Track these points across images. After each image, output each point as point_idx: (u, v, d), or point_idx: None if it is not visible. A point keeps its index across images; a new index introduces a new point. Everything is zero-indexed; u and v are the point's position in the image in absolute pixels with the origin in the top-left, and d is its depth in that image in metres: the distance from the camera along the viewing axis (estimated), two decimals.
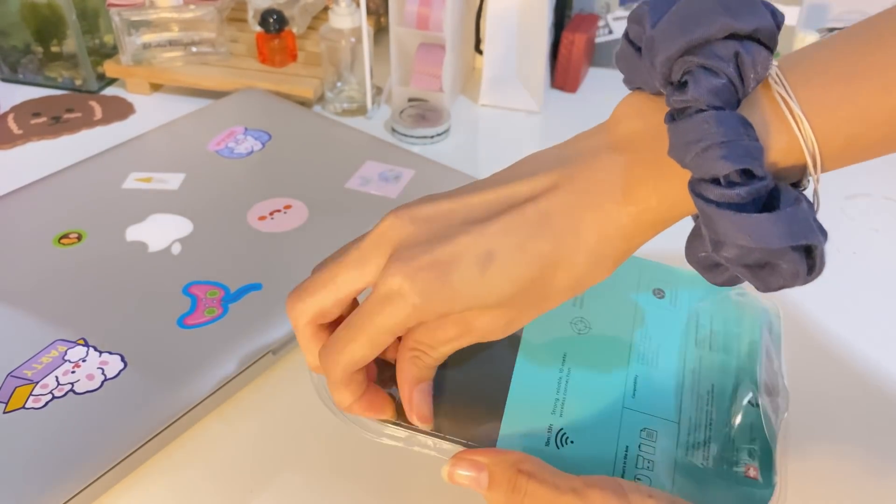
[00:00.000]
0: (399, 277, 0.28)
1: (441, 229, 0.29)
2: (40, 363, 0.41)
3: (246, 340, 0.43)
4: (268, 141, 0.61)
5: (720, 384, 0.35)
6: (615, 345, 0.36)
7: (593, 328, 0.37)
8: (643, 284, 0.39)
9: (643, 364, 0.36)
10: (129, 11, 0.69)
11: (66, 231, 0.50)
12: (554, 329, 0.37)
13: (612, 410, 0.34)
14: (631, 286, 0.39)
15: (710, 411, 0.34)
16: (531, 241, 0.29)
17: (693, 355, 0.36)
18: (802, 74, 0.27)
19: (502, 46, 0.70)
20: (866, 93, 0.26)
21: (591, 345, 0.36)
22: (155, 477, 0.39)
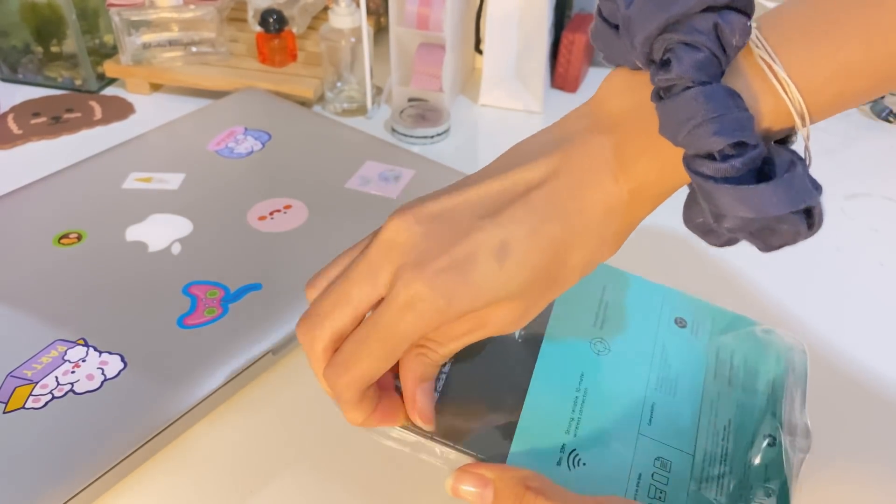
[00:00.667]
0: (419, 284, 0.28)
1: (451, 227, 0.29)
2: (40, 363, 0.41)
3: (246, 340, 0.43)
4: (268, 141, 0.61)
5: (738, 420, 0.35)
6: (634, 369, 0.36)
7: (612, 350, 0.37)
8: (665, 312, 0.39)
9: (661, 392, 0.35)
10: (128, 11, 0.69)
11: (66, 231, 0.50)
12: (573, 348, 0.36)
13: (627, 436, 0.33)
14: (653, 312, 0.39)
15: (727, 446, 0.34)
16: (542, 226, 0.29)
17: (713, 389, 0.36)
18: (783, 34, 0.26)
19: (502, 46, 0.70)
20: (849, 48, 0.26)
21: (610, 367, 0.36)
22: (155, 477, 0.39)
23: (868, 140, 0.69)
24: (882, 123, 0.72)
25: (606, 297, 0.39)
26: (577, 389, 0.35)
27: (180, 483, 0.38)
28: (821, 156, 0.67)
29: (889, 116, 0.71)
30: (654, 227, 0.43)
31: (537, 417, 0.33)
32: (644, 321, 0.38)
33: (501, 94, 0.73)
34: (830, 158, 0.67)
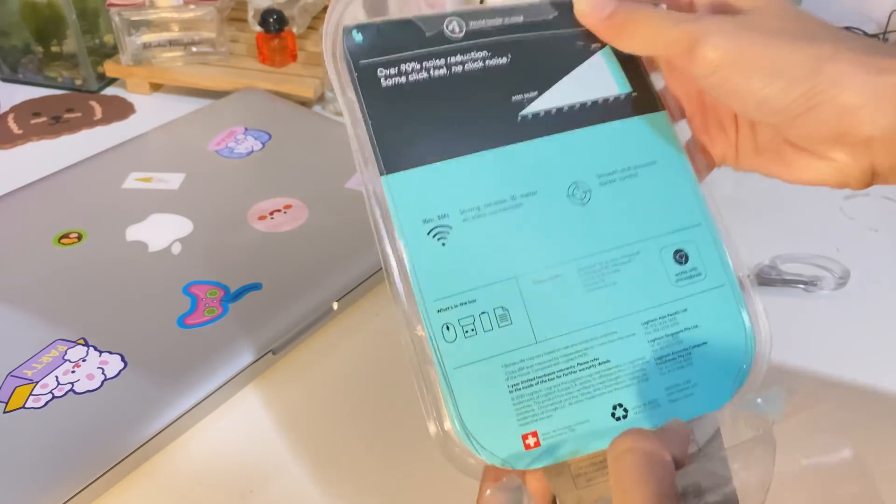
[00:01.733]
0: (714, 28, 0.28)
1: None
2: (40, 363, 0.41)
3: (246, 340, 0.43)
4: (268, 141, 0.61)
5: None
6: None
7: (587, 205, 0.31)
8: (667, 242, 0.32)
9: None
10: (129, 11, 0.69)
11: (67, 231, 0.50)
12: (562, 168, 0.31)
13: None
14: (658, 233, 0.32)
15: None
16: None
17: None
18: None
19: None
20: None
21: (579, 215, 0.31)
22: (154, 478, 0.39)
23: None
24: None
25: (646, 170, 0.32)
26: (514, 197, 0.30)
27: (180, 483, 0.38)
28: None
29: None
30: None
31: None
32: (645, 221, 0.32)
33: None
34: None
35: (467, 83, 0.31)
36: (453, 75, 0.31)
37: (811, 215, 0.59)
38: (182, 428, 0.40)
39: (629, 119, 0.33)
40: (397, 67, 0.30)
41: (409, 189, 0.30)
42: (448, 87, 0.31)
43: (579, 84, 0.32)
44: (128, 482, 0.38)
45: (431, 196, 0.29)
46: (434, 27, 0.31)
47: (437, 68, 0.31)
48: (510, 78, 0.32)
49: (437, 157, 0.30)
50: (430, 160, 0.30)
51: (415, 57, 0.31)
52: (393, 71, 0.30)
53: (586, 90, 0.32)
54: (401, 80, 0.30)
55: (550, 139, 0.31)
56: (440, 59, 0.31)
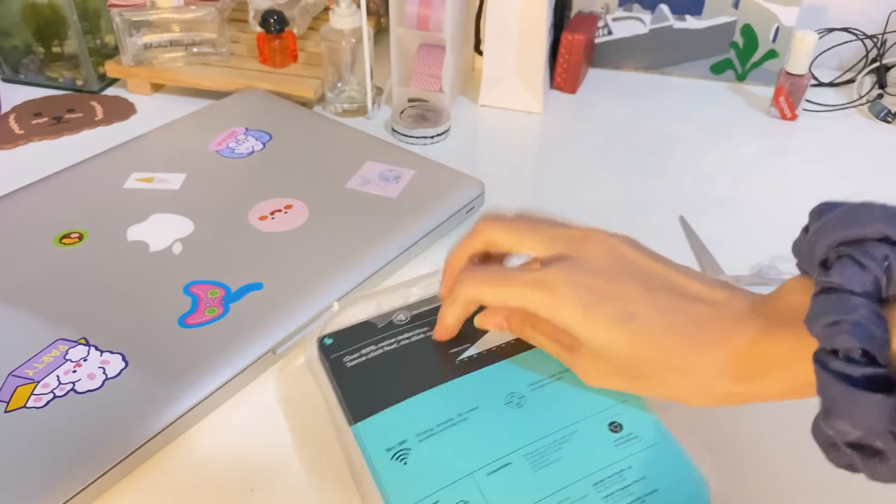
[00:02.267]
0: (562, 278, 0.34)
1: (623, 271, 0.35)
2: (41, 363, 0.41)
3: (247, 340, 0.43)
4: (268, 141, 0.61)
5: None
6: (521, 429, 0.37)
7: (522, 409, 0.38)
8: (603, 416, 0.38)
9: (528, 460, 0.36)
10: (130, 12, 0.70)
11: (68, 231, 0.51)
12: (496, 384, 0.39)
13: (461, 468, 0.35)
14: (590, 407, 0.38)
15: None
16: (679, 328, 0.32)
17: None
18: None
19: (502, 47, 0.71)
20: None
21: (503, 416, 0.37)
22: (155, 477, 0.39)
23: (867, 140, 0.69)
24: (881, 123, 0.72)
25: (570, 374, 0.39)
26: (461, 414, 0.37)
27: (181, 482, 0.39)
28: (819, 156, 0.67)
29: (887, 117, 0.71)
30: None
31: (411, 408, 0.37)
32: (576, 408, 0.38)
33: (501, 95, 0.73)
34: (829, 159, 0.67)
35: (413, 349, 0.40)
36: (402, 347, 0.40)
37: None
38: (183, 427, 0.40)
39: None
40: (359, 352, 0.40)
41: (373, 430, 0.37)
42: (399, 355, 0.40)
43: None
44: (128, 481, 0.38)
45: (391, 430, 0.36)
46: (386, 320, 0.42)
47: (389, 345, 0.41)
48: (448, 340, 0.40)
49: (393, 402, 0.37)
50: (386, 405, 0.37)
51: (372, 342, 0.41)
52: (356, 355, 0.40)
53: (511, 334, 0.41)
54: (361, 360, 0.40)
55: (485, 370, 0.39)
56: (391, 339, 0.41)
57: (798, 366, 0.30)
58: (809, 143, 0.69)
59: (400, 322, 0.41)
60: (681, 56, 0.78)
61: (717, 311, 0.33)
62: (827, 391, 0.27)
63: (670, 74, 0.79)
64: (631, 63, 0.80)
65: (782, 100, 0.71)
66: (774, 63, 0.76)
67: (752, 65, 0.77)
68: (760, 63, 0.76)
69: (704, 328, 0.32)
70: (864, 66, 0.77)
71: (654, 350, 0.33)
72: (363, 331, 0.41)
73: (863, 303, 0.27)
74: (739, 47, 0.76)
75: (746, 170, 0.65)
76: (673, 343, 0.32)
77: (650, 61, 0.79)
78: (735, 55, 0.77)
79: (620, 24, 0.78)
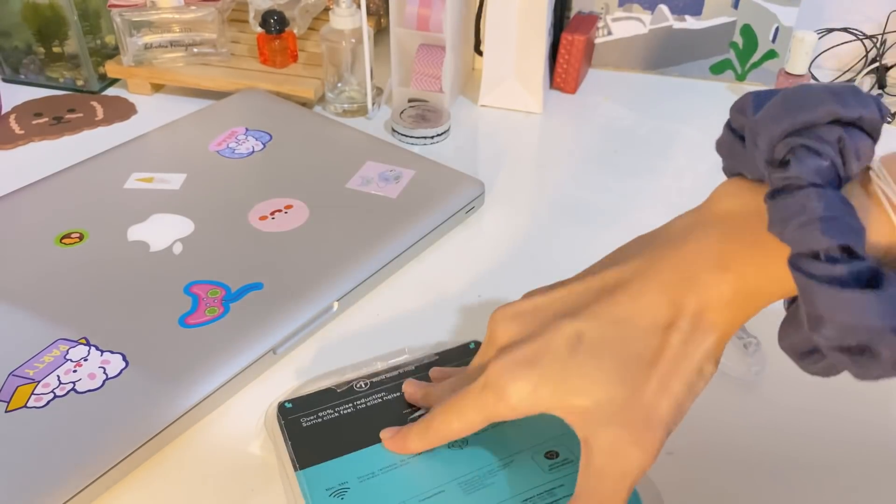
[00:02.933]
0: (497, 369, 0.32)
1: (536, 322, 0.32)
2: (42, 362, 0.41)
3: (247, 339, 0.43)
4: (269, 141, 0.61)
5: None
6: (457, 467, 0.37)
7: (463, 450, 0.38)
8: (540, 447, 0.38)
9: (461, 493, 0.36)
10: (130, 12, 0.70)
11: (68, 231, 0.51)
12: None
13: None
14: (526, 443, 0.38)
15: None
16: (622, 322, 0.30)
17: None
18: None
19: (502, 47, 0.71)
20: None
21: (446, 457, 0.38)
22: (155, 477, 0.39)
23: None
24: None
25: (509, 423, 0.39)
26: (403, 460, 0.37)
27: (181, 483, 0.39)
28: None
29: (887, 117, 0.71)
30: None
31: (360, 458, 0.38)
32: (516, 442, 0.38)
33: (501, 95, 0.73)
34: None
35: (368, 411, 0.40)
36: (357, 410, 0.40)
37: None
38: (183, 427, 0.40)
39: None
40: (316, 415, 0.40)
41: (317, 475, 0.37)
42: (353, 417, 0.40)
43: None
44: (129, 481, 0.38)
45: (334, 475, 0.37)
46: (345, 386, 0.42)
47: (345, 409, 0.41)
48: (401, 402, 0.41)
49: (340, 454, 0.38)
50: (333, 456, 0.38)
51: (329, 407, 0.41)
52: (312, 417, 0.40)
53: None
54: (317, 421, 0.40)
55: None
56: (348, 404, 0.41)
57: (765, 265, 0.28)
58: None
59: (359, 388, 0.42)
60: (680, 56, 0.78)
61: (641, 280, 0.30)
62: (813, 298, 0.25)
63: (670, 74, 0.80)
64: (631, 63, 0.80)
65: None
66: (774, 63, 0.76)
67: (752, 65, 0.77)
68: (760, 63, 0.77)
69: (646, 300, 0.30)
70: (863, 67, 0.77)
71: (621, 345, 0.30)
72: (323, 396, 0.41)
73: (830, 194, 0.25)
74: (739, 47, 0.76)
75: None
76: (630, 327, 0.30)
77: (650, 61, 0.79)
78: (735, 55, 0.77)
79: (620, 25, 0.78)
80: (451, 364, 0.43)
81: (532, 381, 0.31)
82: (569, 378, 0.30)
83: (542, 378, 0.31)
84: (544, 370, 0.31)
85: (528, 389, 0.31)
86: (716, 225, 0.30)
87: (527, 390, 0.31)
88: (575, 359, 0.30)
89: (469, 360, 0.41)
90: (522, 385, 0.31)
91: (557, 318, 0.31)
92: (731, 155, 0.31)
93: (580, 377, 0.30)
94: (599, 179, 0.63)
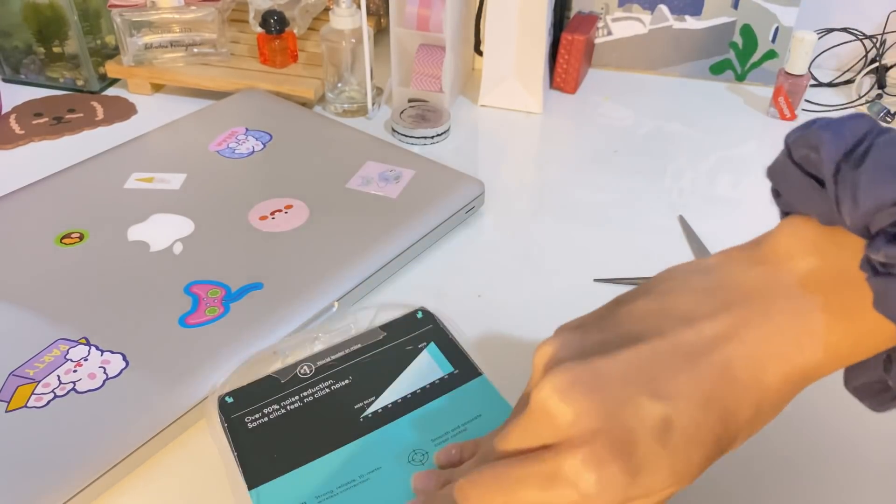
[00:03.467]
0: (578, 465, 0.26)
1: (607, 399, 0.27)
2: (42, 362, 0.41)
3: (247, 339, 0.43)
4: (269, 141, 0.61)
5: None
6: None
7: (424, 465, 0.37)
8: None
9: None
10: (130, 12, 0.70)
11: (68, 231, 0.51)
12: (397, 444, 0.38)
13: None
14: None
15: None
16: (711, 401, 0.27)
17: None
18: None
19: (502, 47, 0.71)
20: None
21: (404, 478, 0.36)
22: (156, 476, 0.39)
23: None
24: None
25: (474, 423, 0.39)
26: (363, 475, 0.36)
27: (181, 483, 0.39)
28: None
29: (886, 117, 0.71)
30: None
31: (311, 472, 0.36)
32: None
33: (501, 95, 0.73)
34: None
35: (317, 406, 0.39)
36: (305, 404, 0.39)
37: None
38: (183, 427, 0.40)
39: (454, 391, 0.41)
40: (261, 412, 0.39)
41: (271, 495, 0.36)
42: (301, 414, 0.39)
43: (411, 378, 0.41)
44: (129, 481, 0.38)
45: (290, 494, 0.36)
46: (288, 374, 0.41)
47: (292, 403, 0.39)
48: (352, 392, 0.40)
49: (292, 467, 0.37)
50: (286, 470, 0.37)
51: (274, 401, 0.39)
52: (257, 415, 0.39)
53: (417, 381, 0.41)
54: (263, 420, 0.39)
55: (389, 427, 0.39)
56: (294, 397, 0.40)
57: (861, 336, 0.26)
58: None
59: (304, 375, 0.40)
60: (680, 56, 0.78)
61: (724, 350, 0.27)
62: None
63: (670, 74, 0.80)
64: (631, 63, 0.80)
65: (781, 100, 0.71)
66: (774, 63, 0.76)
67: (752, 65, 0.77)
68: (760, 63, 0.77)
69: (730, 375, 0.27)
70: (863, 67, 0.77)
71: (713, 428, 0.27)
72: (266, 386, 0.39)
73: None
74: (739, 47, 0.76)
75: (746, 170, 0.65)
76: (722, 406, 0.27)
77: (650, 61, 0.79)
78: (734, 55, 0.77)
79: (620, 25, 0.78)
80: (397, 335, 0.42)
81: (621, 482, 0.26)
82: (661, 472, 0.26)
83: (629, 475, 0.26)
84: (630, 465, 0.26)
85: (620, 485, 0.26)
86: (801, 294, 0.27)
87: (618, 486, 0.26)
88: (666, 449, 0.26)
89: (418, 330, 0.40)
90: (609, 481, 0.26)
91: (632, 394, 0.27)
92: (797, 192, 0.28)
93: (674, 472, 0.27)
94: (599, 179, 0.63)
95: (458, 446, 0.36)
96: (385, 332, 0.43)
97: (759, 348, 0.27)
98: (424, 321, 0.44)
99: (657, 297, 0.29)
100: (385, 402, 0.40)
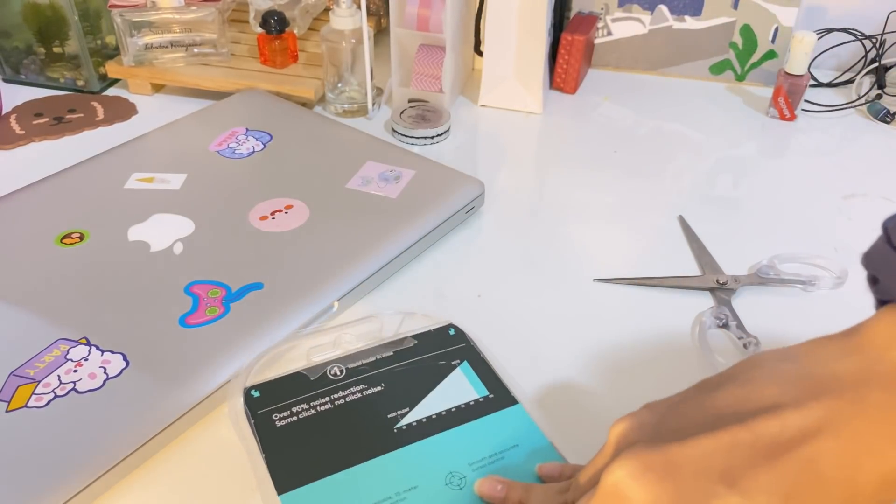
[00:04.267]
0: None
1: (684, 490, 0.26)
2: (42, 362, 0.41)
3: (247, 339, 0.43)
4: (269, 141, 0.61)
5: None
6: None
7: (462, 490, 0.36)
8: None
9: None
10: (130, 12, 0.70)
11: (69, 231, 0.51)
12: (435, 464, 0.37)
13: None
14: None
15: None
16: (795, 497, 0.25)
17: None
18: None
19: (502, 47, 0.71)
20: None
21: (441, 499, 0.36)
22: (155, 476, 0.39)
23: (865, 140, 0.70)
24: (879, 124, 0.72)
25: (511, 452, 0.38)
26: (398, 493, 0.36)
27: (181, 482, 0.39)
28: (818, 156, 0.68)
29: (886, 117, 0.71)
30: None
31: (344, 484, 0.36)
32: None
33: (501, 95, 0.73)
34: (828, 159, 0.67)
35: (349, 411, 0.38)
36: (337, 407, 0.38)
37: (810, 215, 0.59)
38: (183, 427, 0.40)
39: (490, 415, 0.40)
40: (289, 410, 0.38)
41: (301, 502, 0.35)
42: (333, 417, 0.38)
43: (444, 395, 0.40)
44: (129, 481, 0.38)
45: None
46: (318, 373, 0.40)
47: (322, 405, 0.39)
48: (385, 401, 0.39)
49: (325, 473, 0.36)
50: (318, 477, 0.36)
51: (303, 399, 0.39)
52: (286, 413, 0.38)
53: (451, 398, 0.40)
54: (292, 419, 0.38)
55: (424, 442, 0.38)
56: (325, 398, 0.39)
57: None
58: (808, 144, 0.69)
59: (335, 377, 0.39)
60: (680, 56, 0.78)
61: (814, 445, 0.25)
62: None
63: (670, 75, 0.80)
64: (630, 63, 0.80)
65: (781, 100, 0.71)
66: (773, 63, 0.76)
67: (752, 65, 0.77)
68: (759, 63, 0.77)
69: (819, 471, 0.25)
70: (862, 67, 0.77)
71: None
72: (294, 383, 0.39)
73: None
74: (738, 48, 0.76)
75: (746, 170, 0.65)
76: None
77: (649, 62, 0.79)
78: (734, 55, 0.77)
79: (620, 25, 0.78)
80: (429, 348, 0.41)
81: None
82: None
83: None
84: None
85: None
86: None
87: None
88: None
89: (450, 347, 0.39)
90: None
91: (709, 483, 0.25)
92: (888, 270, 0.27)
93: None
94: (599, 179, 0.63)
95: (504, 483, 0.35)
96: (416, 340, 0.43)
97: (852, 444, 0.25)
98: (457, 339, 0.44)
99: (742, 384, 0.28)
100: (419, 416, 0.39)
